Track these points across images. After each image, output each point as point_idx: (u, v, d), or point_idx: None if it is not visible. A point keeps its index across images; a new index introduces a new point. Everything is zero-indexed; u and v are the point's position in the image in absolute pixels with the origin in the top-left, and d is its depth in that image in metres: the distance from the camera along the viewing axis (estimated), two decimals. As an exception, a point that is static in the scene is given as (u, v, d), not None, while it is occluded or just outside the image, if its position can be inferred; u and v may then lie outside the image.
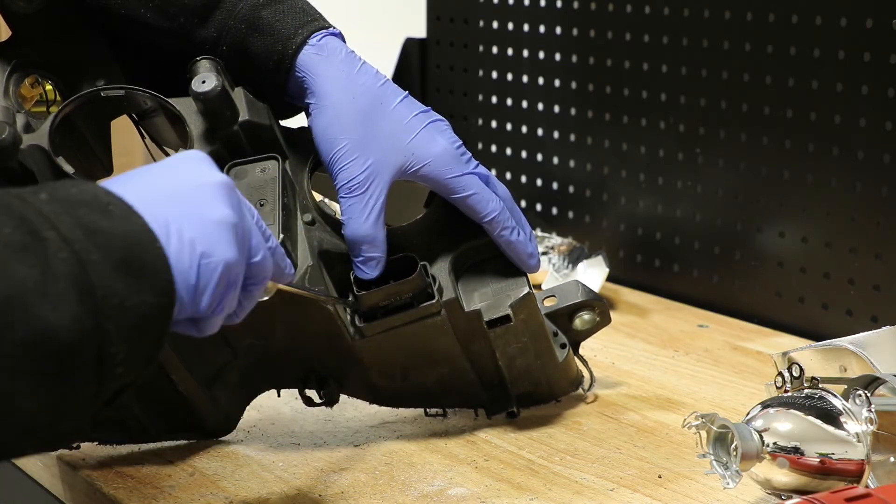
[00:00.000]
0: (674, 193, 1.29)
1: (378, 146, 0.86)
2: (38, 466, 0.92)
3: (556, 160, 1.41)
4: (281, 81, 0.87)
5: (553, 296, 0.97)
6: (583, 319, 0.96)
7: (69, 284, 0.57)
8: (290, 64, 0.86)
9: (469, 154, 0.89)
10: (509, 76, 1.44)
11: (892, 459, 0.77)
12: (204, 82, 0.83)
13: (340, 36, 0.89)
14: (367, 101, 0.87)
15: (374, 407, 0.94)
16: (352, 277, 0.86)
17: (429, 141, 0.87)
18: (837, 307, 1.14)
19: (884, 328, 0.85)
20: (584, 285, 0.97)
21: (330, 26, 0.89)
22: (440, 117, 0.89)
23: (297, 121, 0.91)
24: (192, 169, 0.67)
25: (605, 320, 0.97)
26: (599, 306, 0.96)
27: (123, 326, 0.59)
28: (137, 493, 0.82)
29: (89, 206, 0.60)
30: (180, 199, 0.64)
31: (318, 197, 0.90)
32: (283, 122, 0.91)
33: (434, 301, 0.85)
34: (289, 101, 0.89)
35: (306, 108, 0.88)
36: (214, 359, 0.87)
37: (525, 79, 1.42)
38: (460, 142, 0.89)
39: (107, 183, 0.64)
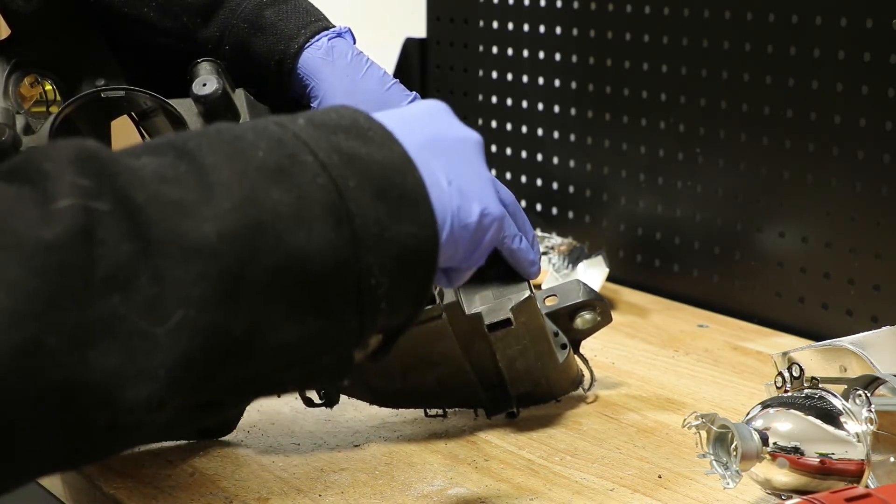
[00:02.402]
0: (674, 193, 1.29)
1: None
2: (39, 466, 0.92)
3: (556, 160, 1.41)
4: (284, 81, 0.87)
5: (554, 295, 0.97)
6: (584, 319, 0.96)
7: (325, 211, 0.55)
8: (292, 64, 0.86)
9: None
10: (509, 76, 1.44)
11: (892, 459, 0.77)
12: (205, 85, 0.83)
13: (350, 34, 0.89)
14: (371, 108, 0.87)
15: (374, 407, 0.94)
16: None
17: None
18: (837, 307, 1.14)
19: (884, 328, 0.85)
20: (585, 284, 0.97)
21: (333, 26, 0.89)
22: None
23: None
24: (450, 121, 0.65)
25: (606, 319, 0.97)
26: (601, 306, 0.96)
27: (384, 258, 0.56)
28: (137, 493, 0.82)
29: (348, 131, 0.58)
30: (444, 148, 0.62)
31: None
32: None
33: (435, 305, 0.86)
34: (294, 101, 0.89)
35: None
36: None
37: (525, 79, 1.42)
38: None
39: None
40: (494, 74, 1.46)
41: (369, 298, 0.56)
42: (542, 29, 1.39)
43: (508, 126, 1.45)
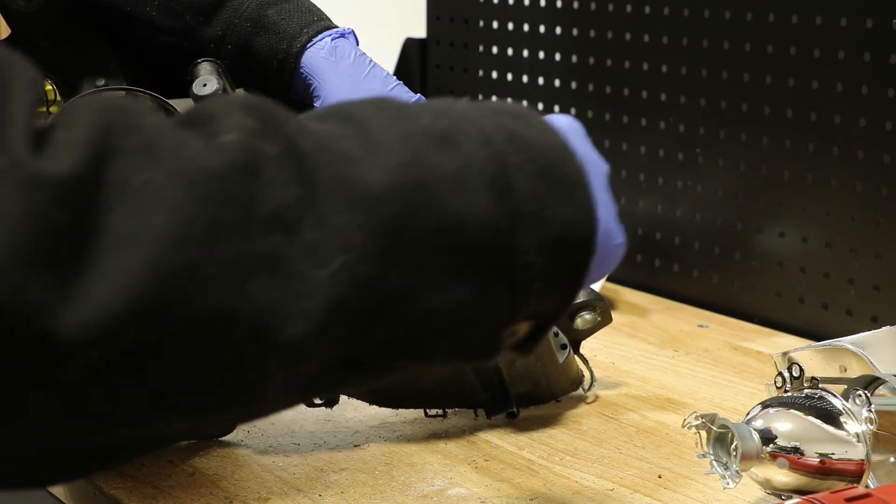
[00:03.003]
0: (674, 193, 1.29)
1: None
2: (39, 466, 0.92)
3: (556, 160, 1.41)
4: (286, 80, 0.87)
5: (553, 296, 0.97)
6: (584, 319, 0.96)
7: (486, 182, 0.54)
8: (294, 63, 0.86)
9: None
10: (509, 76, 1.44)
11: (892, 459, 0.77)
12: (205, 85, 0.83)
13: (353, 35, 0.89)
14: None
15: (374, 407, 0.94)
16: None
17: None
18: (837, 307, 1.14)
19: (884, 328, 0.85)
20: (584, 285, 0.97)
21: (335, 26, 0.89)
22: None
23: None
24: (587, 143, 0.65)
25: (606, 319, 0.97)
26: (601, 306, 0.96)
27: (542, 236, 0.56)
28: (137, 493, 0.82)
29: (510, 114, 0.58)
30: (590, 165, 0.61)
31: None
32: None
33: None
34: (296, 103, 0.89)
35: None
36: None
37: (525, 79, 1.42)
38: None
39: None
40: (494, 74, 1.46)
41: (523, 276, 0.56)
42: (542, 29, 1.39)
43: (508, 126, 1.45)
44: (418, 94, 0.89)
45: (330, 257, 0.50)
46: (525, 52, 1.42)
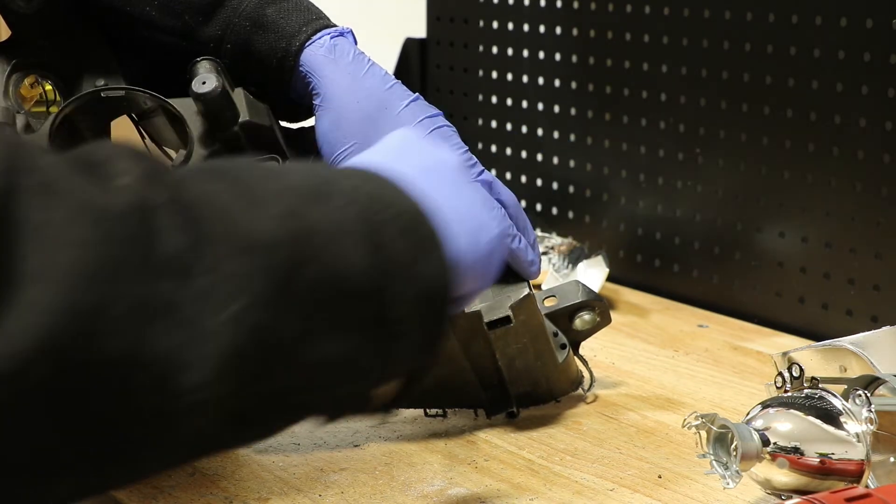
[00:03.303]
0: (674, 193, 1.29)
1: None
2: (38, 466, 0.92)
3: (556, 160, 1.41)
4: (285, 79, 0.87)
5: (553, 296, 0.97)
6: (583, 320, 0.96)
7: (360, 237, 0.56)
8: (293, 62, 0.86)
9: (474, 160, 0.89)
10: (509, 76, 1.44)
11: (892, 459, 0.77)
12: (204, 83, 0.83)
13: (351, 34, 0.89)
14: (372, 105, 0.87)
15: (374, 407, 0.94)
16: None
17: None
18: (837, 307, 1.14)
19: (884, 328, 0.85)
20: (584, 285, 0.97)
21: (334, 25, 0.89)
22: (446, 123, 0.89)
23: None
24: (422, 147, 0.67)
25: (605, 320, 0.97)
26: (600, 306, 0.96)
27: (407, 293, 0.57)
28: (137, 492, 0.82)
29: (363, 177, 0.60)
30: (434, 177, 0.63)
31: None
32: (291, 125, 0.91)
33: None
34: (295, 101, 0.89)
35: (313, 109, 0.88)
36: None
37: (525, 79, 1.42)
38: (465, 148, 0.88)
39: (357, 159, 0.64)
40: (494, 74, 1.46)
41: (394, 330, 0.57)
42: (542, 29, 1.39)
43: (508, 126, 1.45)
44: (417, 94, 0.89)
45: (223, 304, 0.50)
46: (525, 52, 1.42)
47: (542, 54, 1.40)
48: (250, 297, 0.51)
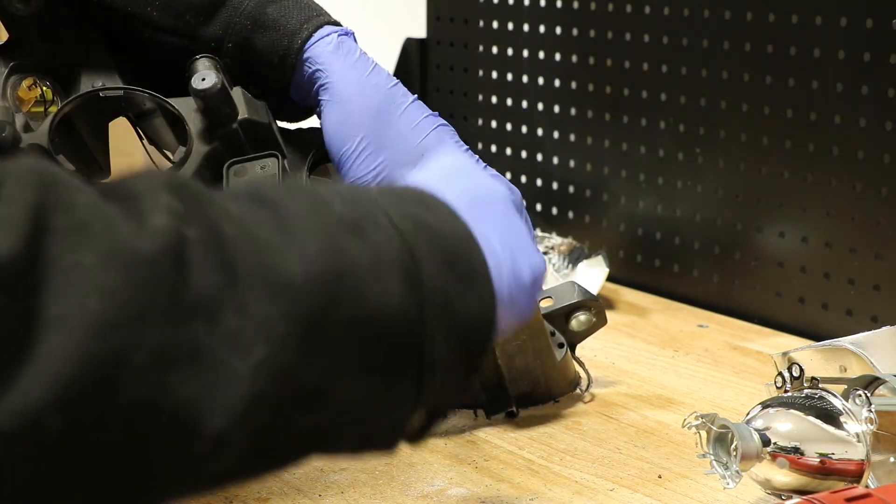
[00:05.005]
0: (674, 193, 1.29)
1: (390, 144, 0.86)
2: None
3: (556, 160, 1.41)
4: (287, 78, 0.87)
5: (549, 297, 0.97)
6: (579, 320, 0.96)
7: (399, 271, 0.54)
8: (294, 59, 0.86)
9: (476, 157, 0.89)
10: (509, 76, 1.44)
11: (892, 459, 0.77)
12: (203, 79, 0.83)
13: (353, 36, 0.89)
14: (380, 100, 0.87)
15: (374, 407, 0.94)
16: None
17: (439, 143, 0.87)
18: (837, 307, 1.14)
19: (884, 328, 0.85)
20: (579, 286, 0.97)
21: (335, 21, 0.89)
22: (446, 122, 0.89)
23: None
24: (478, 176, 0.66)
25: (601, 321, 0.97)
26: (596, 307, 0.96)
27: (448, 329, 0.55)
28: (137, 493, 0.82)
29: (415, 202, 0.58)
30: (485, 206, 0.62)
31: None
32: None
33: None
34: (295, 101, 0.89)
35: (316, 105, 0.88)
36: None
37: (525, 79, 1.42)
38: (467, 147, 0.89)
39: (410, 179, 0.62)
40: (494, 74, 1.46)
41: (429, 367, 0.55)
42: (542, 29, 1.39)
43: (508, 126, 1.45)
44: (415, 95, 0.89)
45: (251, 347, 0.49)
46: (525, 52, 1.42)
47: (542, 54, 1.40)
48: (280, 342, 0.50)
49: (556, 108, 1.40)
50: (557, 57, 1.38)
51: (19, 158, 0.48)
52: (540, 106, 1.41)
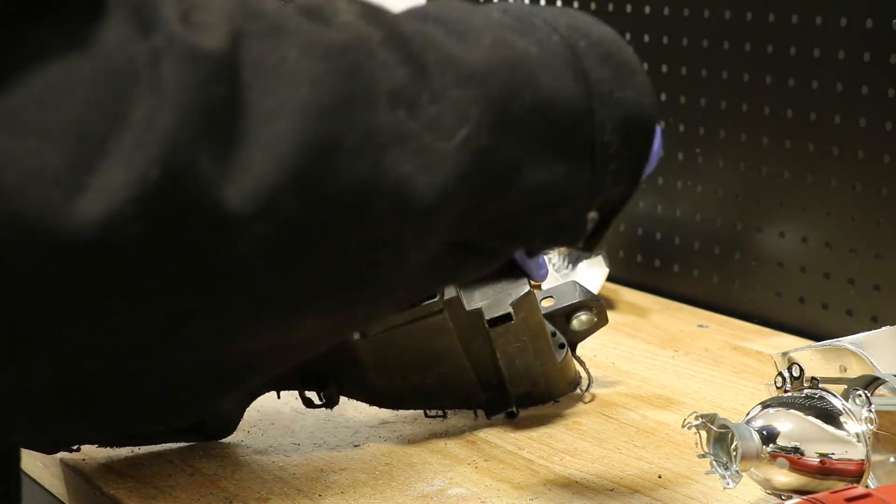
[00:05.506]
0: (674, 193, 1.29)
1: None
2: (39, 467, 0.92)
3: (556, 160, 1.41)
4: None
5: (550, 297, 0.97)
6: (580, 320, 0.96)
7: (564, 64, 0.57)
8: None
9: None
10: (509, 76, 1.44)
11: (892, 459, 0.77)
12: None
13: None
14: None
15: (374, 407, 0.94)
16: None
17: None
18: (837, 307, 1.14)
19: (884, 328, 0.85)
20: (581, 286, 0.97)
21: None
22: None
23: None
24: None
25: (602, 321, 0.97)
26: (597, 307, 0.96)
27: (614, 117, 0.58)
28: (137, 493, 0.82)
29: (561, 10, 0.61)
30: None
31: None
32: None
33: (435, 300, 0.86)
34: None
35: None
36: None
37: (525, 79, 1.42)
38: None
39: None
40: (494, 74, 1.46)
41: (601, 155, 0.58)
42: (542, 29, 1.39)
43: (508, 126, 1.45)
44: None
45: (452, 130, 0.52)
46: (525, 52, 1.42)
47: (542, 54, 1.39)
48: (476, 124, 0.53)
49: (556, 108, 1.40)
50: (557, 57, 1.38)
51: None
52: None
